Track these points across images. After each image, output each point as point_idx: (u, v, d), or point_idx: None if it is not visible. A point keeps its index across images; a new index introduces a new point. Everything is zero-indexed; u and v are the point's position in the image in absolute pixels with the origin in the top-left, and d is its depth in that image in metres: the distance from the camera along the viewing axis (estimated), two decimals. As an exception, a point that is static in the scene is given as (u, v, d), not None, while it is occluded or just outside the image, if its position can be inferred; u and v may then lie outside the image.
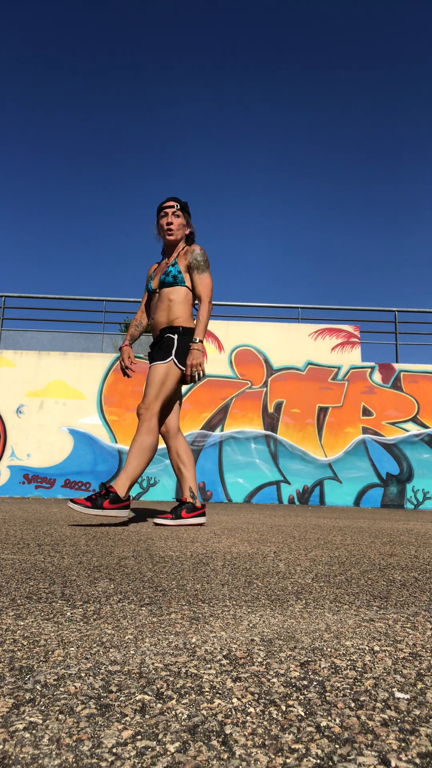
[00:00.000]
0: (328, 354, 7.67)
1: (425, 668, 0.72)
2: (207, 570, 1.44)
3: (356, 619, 0.96)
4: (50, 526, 2.61)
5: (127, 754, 0.48)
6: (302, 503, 7.04)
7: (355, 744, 0.51)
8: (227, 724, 0.54)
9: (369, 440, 7.25)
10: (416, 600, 1.13)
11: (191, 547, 1.93)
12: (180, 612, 0.97)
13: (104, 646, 0.77)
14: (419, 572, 1.50)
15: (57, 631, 0.84)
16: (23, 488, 6.95)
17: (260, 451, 7.19)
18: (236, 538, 2.29)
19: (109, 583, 1.22)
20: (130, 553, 1.74)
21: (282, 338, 7.71)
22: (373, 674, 0.69)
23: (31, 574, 1.32)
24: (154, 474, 7.07)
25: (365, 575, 1.43)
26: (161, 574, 1.35)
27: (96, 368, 7.41)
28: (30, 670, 0.67)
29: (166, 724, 0.53)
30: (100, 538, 2.16)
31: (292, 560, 1.67)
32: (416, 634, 0.87)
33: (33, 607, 0.99)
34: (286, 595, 1.14)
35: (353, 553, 1.91)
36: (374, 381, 7.49)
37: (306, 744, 0.50)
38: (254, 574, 1.40)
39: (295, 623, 0.92)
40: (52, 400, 7.26)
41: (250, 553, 1.81)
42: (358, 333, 7.79)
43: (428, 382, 7.52)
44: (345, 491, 7.09)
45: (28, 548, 1.80)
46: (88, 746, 0.49)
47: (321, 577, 1.37)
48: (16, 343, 7.93)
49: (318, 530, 2.84)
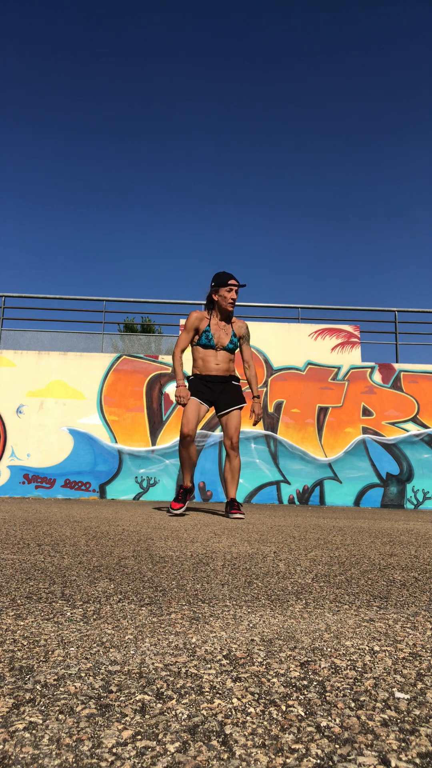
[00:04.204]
0: (328, 354, 7.67)
1: (425, 668, 0.71)
2: (207, 570, 1.44)
3: (356, 619, 0.96)
4: (50, 526, 2.61)
5: (127, 754, 0.48)
6: (302, 503, 7.04)
7: (355, 744, 0.51)
8: (227, 724, 0.54)
9: (369, 440, 7.25)
10: (416, 600, 1.13)
11: (191, 547, 1.93)
12: (180, 612, 0.97)
13: (104, 646, 0.77)
14: (419, 572, 1.50)
15: (57, 631, 0.84)
16: (23, 488, 6.95)
17: (260, 451, 7.19)
18: (236, 538, 2.29)
19: (109, 583, 1.22)
20: (130, 553, 1.74)
21: (282, 338, 7.70)
22: (373, 674, 0.69)
23: (31, 574, 1.32)
24: (154, 474, 7.07)
25: (365, 575, 1.43)
26: (161, 574, 1.35)
27: (96, 368, 7.41)
28: (30, 670, 0.67)
29: (166, 724, 0.53)
30: (100, 538, 2.16)
31: (292, 560, 1.67)
32: (416, 634, 0.87)
33: (33, 607, 0.99)
34: (286, 595, 1.14)
35: (353, 553, 1.91)
36: (374, 381, 7.49)
37: (306, 744, 0.50)
38: (254, 574, 1.40)
39: (295, 623, 0.92)
40: (52, 400, 7.26)
41: (250, 553, 1.81)
42: (358, 333, 7.79)
43: (428, 382, 7.52)
44: (345, 491, 7.09)
45: (28, 548, 1.80)
46: (88, 746, 0.49)
47: (321, 577, 1.37)
48: (16, 343, 7.92)
49: (318, 530, 2.84)
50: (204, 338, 4.01)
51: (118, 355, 7.51)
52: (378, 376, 7.51)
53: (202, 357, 4.05)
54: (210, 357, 4.03)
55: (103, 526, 2.66)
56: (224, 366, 4.04)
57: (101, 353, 7.59)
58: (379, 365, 7.56)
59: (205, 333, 4.00)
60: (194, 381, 4.06)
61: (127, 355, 7.52)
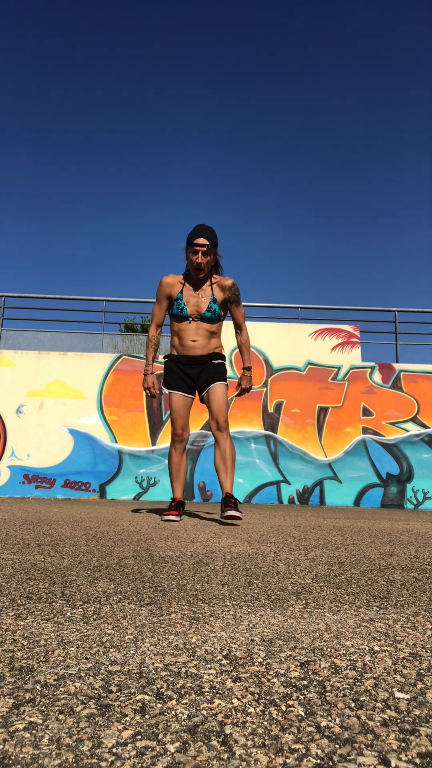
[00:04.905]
0: (328, 354, 7.67)
1: (425, 668, 0.72)
2: (207, 570, 1.44)
3: (356, 619, 0.96)
4: (50, 526, 2.61)
5: (127, 754, 0.48)
6: (302, 503, 7.04)
7: (355, 744, 0.51)
8: (227, 724, 0.54)
9: (369, 440, 7.25)
10: (416, 600, 1.13)
11: (191, 547, 1.93)
12: (180, 612, 0.97)
13: (104, 646, 0.77)
14: (419, 572, 1.50)
15: (57, 631, 0.84)
16: (23, 488, 6.95)
17: (260, 451, 7.19)
18: (236, 538, 2.29)
19: (109, 583, 1.22)
20: (130, 553, 1.74)
21: (282, 338, 7.71)
22: (373, 674, 0.69)
23: (31, 574, 1.32)
24: (154, 474, 7.07)
25: (365, 575, 1.43)
26: (161, 574, 1.35)
27: (96, 368, 7.41)
28: (30, 670, 0.67)
29: (166, 724, 0.53)
30: (100, 538, 2.16)
31: (292, 560, 1.67)
32: (416, 634, 0.87)
33: (33, 607, 0.99)
34: (286, 595, 1.14)
35: (353, 553, 1.91)
36: (374, 381, 7.49)
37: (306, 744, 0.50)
38: (254, 574, 1.40)
39: (295, 623, 0.92)
40: (52, 400, 7.26)
41: (250, 553, 1.81)
42: (358, 333, 7.79)
43: (428, 382, 7.52)
44: (345, 491, 7.09)
45: (28, 548, 1.80)
46: (88, 746, 0.49)
47: (321, 577, 1.37)
48: (16, 343, 7.93)
49: (318, 530, 2.84)
50: (175, 307, 3.28)
51: (118, 355, 7.51)
52: (378, 376, 7.51)
53: (177, 332, 3.34)
54: (185, 332, 3.29)
55: (103, 526, 2.66)
56: (202, 342, 3.28)
57: (101, 353, 7.60)
58: (379, 365, 7.56)
59: (177, 301, 3.27)
60: (168, 365, 3.37)
61: (127, 355, 7.52)
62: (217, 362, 3.30)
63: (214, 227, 3.25)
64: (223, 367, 3.32)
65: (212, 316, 3.25)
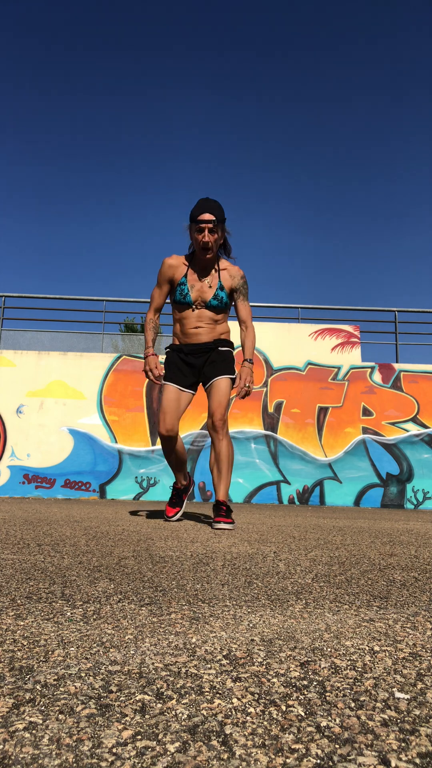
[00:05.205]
0: (328, 354, 7.67)
1: (425, 668, 0.71)
2: (207, 570, 1.44)
3: (356, 619, 0.96)
4: (50, 526, 2.61)
5: (127, 754, 0.48)
6: (302, 503, 7.04)
7: (355, 744, 0.51)
8: (227, 724, 0.54)
9: (369, 440, 7.25)
10: (416, 600, 1.13)
11: (191, 547, 1.93)
12: (180, 612, 0.97)
13: (104, 646, 0.77)
14: (419, 572, 1.50)
15: (57, 631, 0.84)
16: (23, 488, 6.95)
17: (260, 451, 7.19)
18: (236, 538, 2.29)
19: (109, 583, 1.22)
20: (130, 553, 1.74)
21: (282, 338, 7.71)
22: (373, 674, 0.69)
23: (31, 574, 1.32)
24: (154, 474, 7.07)
25: (365, 575, 1.43)
26: (161, 574, 1.35)
27: (96, 368, 7.41)
28: (30, 670, 0.67)
29: (166, 724, 0.53)
30: (100, 538, 2.16)
31: (292, 560, 1.67)
32: (416, 634, 0.87)
33: (33, 607, 0.99)
34: (286, 595, 1.14)
35: (353, 553, 1.91)
36: (374, 381, 7.49)
37: (306, 744, 0.50)
38: (254, 574, 1.40)
39: (295, 623, 0.92)
40: (52, 400, 7.26)
41: (250, 553, 1.81)
42: (358, 333, 7.79)
43: (428, 382, 7.52)
44: (345, 491, 7.09)
45: (28, 548, 1.80)
46: (88, 746, 0.49)
47: (321, 577, 1.37)
48: (16, 343, 7.93)
49: (318, 530, 2.84)
50: (178, 293, 2.99)
51: (118, 355, 7.51)
52: (378, 376, 7.51)
53: (179, 320, 3.05)
54: (188, 319, 3.00)
55: (103, 526, 2.66)
56: (206, 330, 2.99)
57: (101, 353, 7.60)
58: (379, 365, 7.56)
59: (180, 286, 2.98)
60: (170, 356, 3.07)
61: (127, 355, 7.52)
62: (223, 350, 3.00)
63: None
64: (230, 356, 3.04)
65: (218, 304, 2.97)
